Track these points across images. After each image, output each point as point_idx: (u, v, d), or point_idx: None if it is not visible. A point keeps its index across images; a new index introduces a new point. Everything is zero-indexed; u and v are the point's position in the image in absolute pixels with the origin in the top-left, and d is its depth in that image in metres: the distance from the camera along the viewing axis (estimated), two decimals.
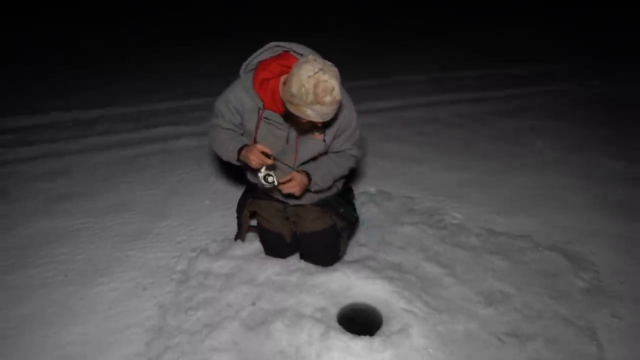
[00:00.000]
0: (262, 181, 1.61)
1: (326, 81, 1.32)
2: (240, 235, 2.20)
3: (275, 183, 1.62)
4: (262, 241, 2.16)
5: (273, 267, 2.07)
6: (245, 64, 1.64)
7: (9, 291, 2.03)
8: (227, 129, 1.76)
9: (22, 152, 3.40)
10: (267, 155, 1.57)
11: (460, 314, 1.83)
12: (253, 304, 1.89)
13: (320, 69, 1.32)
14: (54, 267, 2.17)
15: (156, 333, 1.78)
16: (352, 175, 2.86)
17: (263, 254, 2.15)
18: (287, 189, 1.67)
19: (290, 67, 1.44)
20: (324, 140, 1.68)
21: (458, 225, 2.48)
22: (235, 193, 2.75)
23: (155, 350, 1.70)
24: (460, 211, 2.61)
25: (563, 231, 2.42)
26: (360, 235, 2.34)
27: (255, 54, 1.61)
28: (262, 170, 1.60)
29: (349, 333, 1.69)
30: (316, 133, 1.65)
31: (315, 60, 1.35)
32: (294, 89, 1.34)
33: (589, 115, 4.13)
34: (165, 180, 2.94)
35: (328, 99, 1.33)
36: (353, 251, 2.20)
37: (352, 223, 2.08)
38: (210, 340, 1.72)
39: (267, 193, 1.91)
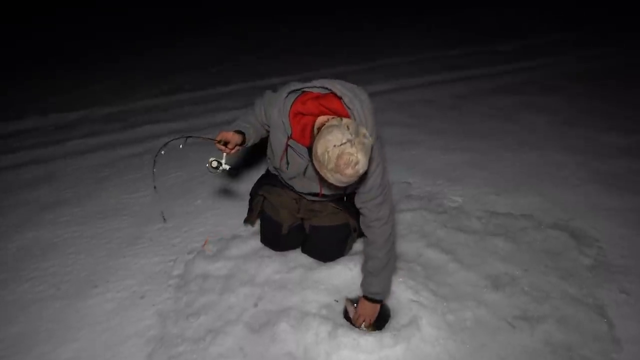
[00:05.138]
0: (208, 166, 1.57)
1: (351, 154, 1.24)
2: (249, 219, 2.16)
3: (221, 168, 1.57)
4: (261, 226, 2.14)
5: (272, 265, 2.01)
6: (292, 86, 1.54)
7: (1, 309, 1.94)
8: (252, 121, 1.73)
9: (4, 160, 3.26)
10: (226, 144, 1.57)
11: (468, 301, 1.80)
12: (255, 305, 1.84)
13: (349, 140, 1.25)
14: (45, 281, 2.08)
15: (158, 343, 1.72)
16: None
17: (261, 253, 2.09)
18: (362, 325, 1.72)
19: (329, 110, 1.44)
20: (344, 191, 1.67)
21: (458, 209, 2.44)
22: (227, 191, 2.68)
23: None
24: (459, 194, 2.57)
25: (564, 208, 2.40)
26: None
27: (306, 84, 1.52)
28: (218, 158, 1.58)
29: (357, 329, 1.65)
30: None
31: (348, 128, 1.27)
32: (319, 151, 1.29)
33: (582, 88, 4.10)
34: (155, 181, 2.83)
35: (349, 171, 1.26)
36: (354, 243, 2.15)
37: None
38: (215, 347, 1.66)
39: (285, 181, 1.85)
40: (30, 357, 1.69)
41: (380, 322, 1.72)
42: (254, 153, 2.81)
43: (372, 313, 1.72)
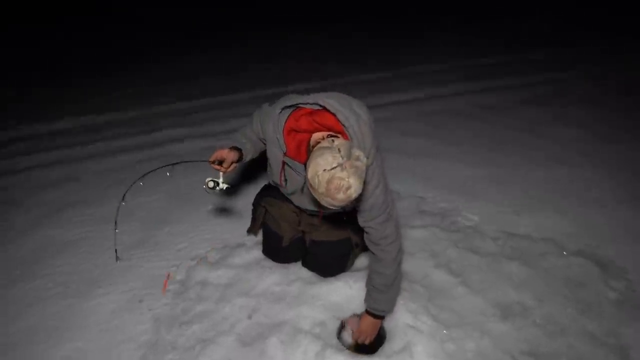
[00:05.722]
0: (205, 187, 1.57)
1: (342, 179, 1.18)
2: (252, 229, 2.13)
3: (218, 188, 1.56)
4: (263, 237, 2.11)
5: (273, 276, 1.98)
6: (286, 101, 1.50)
7: (12, 304, 2.01)
8: (249, 135, 1.72)
9: (35, 159, 3.42)
10: (220, 163, 1.54)
11: (471, 329, 1.67)
12: (249, 317, 1.80)
13: (339, 165, 1.18)
14: (55, 279, 2.14)
15: (150, 349, 1.72)
16: None
17: (262, 263, 2.06)
18: (365, 341, 1.66)
19: (322, 126, 1.38)
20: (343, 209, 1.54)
21: (473, 228, 2.30)
22: (237, 199, 2.67)
23: None
24: (476, 212, 2.43)
25: (591, 233, 2.21)
26: None
27: (301, 98, 1.47)
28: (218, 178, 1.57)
29: (346, 351, 1.58)
30: None
31: (339, 151, 1.21)
32: (310, 173, 1.23)
33: (617, 101, 3.83)
34: (168, 185, 2.87)
35: (341, 196, 1.20)
36: (357, 258, 2.07)
37: None
38: (204, 357, 1.64)
39: (285, 195, 1.79)
40: (28, 352, 1.75)
41: (373, 344, 1.63)
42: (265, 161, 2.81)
43: (374, 329, 1.66)
